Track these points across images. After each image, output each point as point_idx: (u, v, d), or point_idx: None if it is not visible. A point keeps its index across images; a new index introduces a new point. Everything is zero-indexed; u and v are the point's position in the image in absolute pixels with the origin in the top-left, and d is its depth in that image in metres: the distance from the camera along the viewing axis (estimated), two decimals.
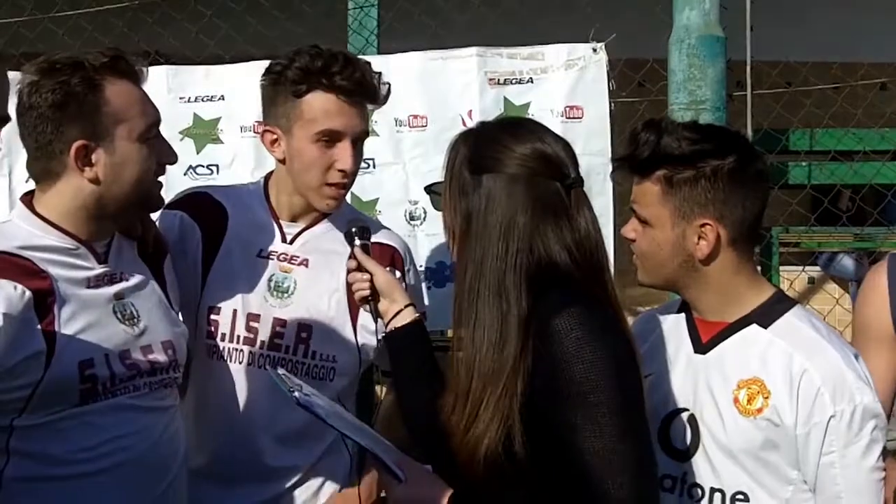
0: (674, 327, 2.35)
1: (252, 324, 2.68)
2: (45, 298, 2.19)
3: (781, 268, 4.43)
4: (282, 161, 2.69)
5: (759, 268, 2.62)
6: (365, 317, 2.66)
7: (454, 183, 2.08)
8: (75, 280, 2.27)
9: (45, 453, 2.20)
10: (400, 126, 3.84)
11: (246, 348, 2.67)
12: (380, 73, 2.68)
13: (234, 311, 2.69)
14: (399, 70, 3.82)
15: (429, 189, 2.35)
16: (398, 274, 2.73)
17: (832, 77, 5.03)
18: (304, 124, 2.61)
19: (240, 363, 2.68)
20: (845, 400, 2.08)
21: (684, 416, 2.25)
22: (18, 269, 2.18)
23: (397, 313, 2.32)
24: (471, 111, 3.80)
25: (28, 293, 2.16)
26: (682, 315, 2.36)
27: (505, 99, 3.81)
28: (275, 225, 2.74)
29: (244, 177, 3.81)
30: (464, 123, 3.76)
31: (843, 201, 4.97)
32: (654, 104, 4.11)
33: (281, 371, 2.28)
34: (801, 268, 5.30)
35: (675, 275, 2.26)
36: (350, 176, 2.64)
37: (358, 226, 2.45)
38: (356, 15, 4.18)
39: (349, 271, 2.41)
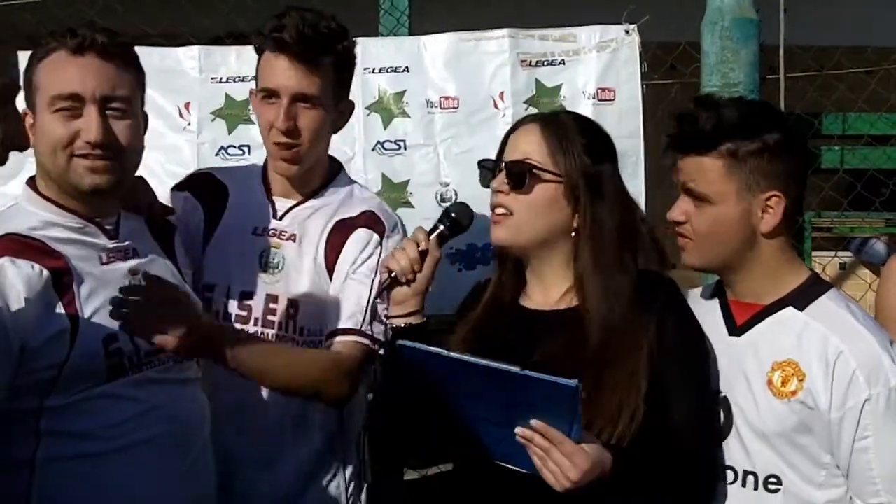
0: (708, 310, 2.34)
1: (245, 301, 2.65)
2: (61, 278, 2.21)
3: (814, 253, 4.41)
4: None
5: None
6: None
7: (571, 141, 2.27)
8: (88, 257, 2.29)
9: (77, 431, 2.22)
10: (431, 107, 3.82)
11: (239, 327, 2.63)
12: (332, 27, 2.59)
13: (228, 288, 2.67)
14: (431, 51, 3.82)
15: (482, 164, 2.35)
16: (375, 237, 2.62)
17: (866, 61, 4.95)
18: (259, 84, 2.62)
19: None
20: (881, 383, 2.08)
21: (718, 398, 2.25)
22: (33, 250, 2.21)
23: (407, 314, 2.33)
24: (502, 93, 3.78)
25: (46, 272, 2.19)
26: (716, 299, 2.36)
27: (537, 81, 3.80)
28: (268, 201, 2.72)
29: None
30: (495, 105, 3.76)
31: None
32: (686, 87, 4.08)
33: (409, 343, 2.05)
34: (833, 253, 5.25)
35: (732, 253, 2.24)
36: (292, 135, 2.56)
37: (455, 210, 2.36)
38: None
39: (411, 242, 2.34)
